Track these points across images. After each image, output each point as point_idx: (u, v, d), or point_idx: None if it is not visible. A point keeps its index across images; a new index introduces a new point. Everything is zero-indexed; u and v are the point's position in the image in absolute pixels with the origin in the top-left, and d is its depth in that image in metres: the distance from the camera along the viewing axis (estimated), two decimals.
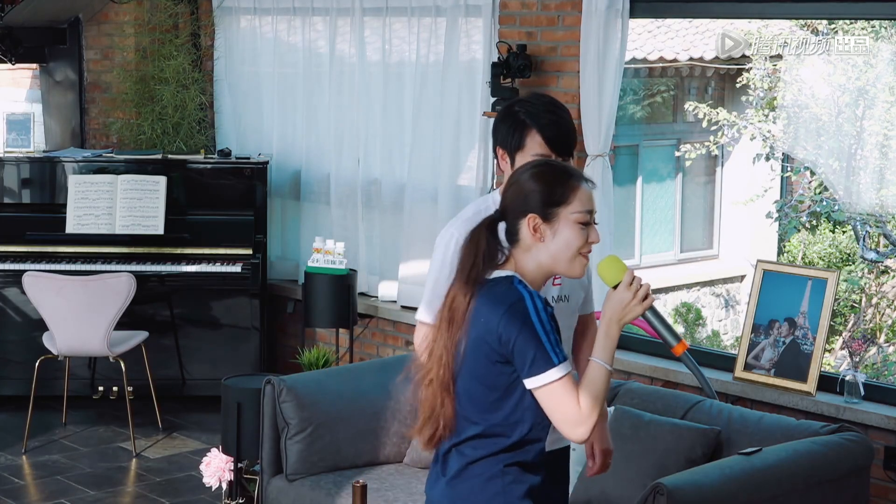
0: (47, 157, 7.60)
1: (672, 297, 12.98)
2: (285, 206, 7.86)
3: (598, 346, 2.98)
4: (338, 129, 7.45)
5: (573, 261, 3.04)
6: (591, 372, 2.96)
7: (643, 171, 13.11)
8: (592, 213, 3.08)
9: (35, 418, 6.79)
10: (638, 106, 12.92)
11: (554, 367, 2.91)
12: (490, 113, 6.20)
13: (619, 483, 4.51)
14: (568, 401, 2.91)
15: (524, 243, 3.04)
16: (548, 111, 3.63)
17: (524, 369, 2.93)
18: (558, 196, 3.03)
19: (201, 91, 8.07)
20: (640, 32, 11.79)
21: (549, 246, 3.03)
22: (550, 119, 3.61)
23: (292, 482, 5.05)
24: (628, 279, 2.99)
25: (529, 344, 2.92)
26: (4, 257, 7.18)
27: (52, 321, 6.60)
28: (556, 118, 3.62)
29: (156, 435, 6.97)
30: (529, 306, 2.94)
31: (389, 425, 5.20)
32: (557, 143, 3.59)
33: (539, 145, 3.57)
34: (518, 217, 3.04)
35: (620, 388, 5.00)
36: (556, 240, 3.03)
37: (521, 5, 6.27)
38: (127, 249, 7.22)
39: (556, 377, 2.91)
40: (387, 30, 7.13)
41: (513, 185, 3.10)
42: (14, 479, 6.35)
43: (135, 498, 6.17)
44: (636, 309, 2.99)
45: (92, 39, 8.70)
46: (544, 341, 2.91)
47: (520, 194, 3.05)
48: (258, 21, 7.91)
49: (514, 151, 3.60)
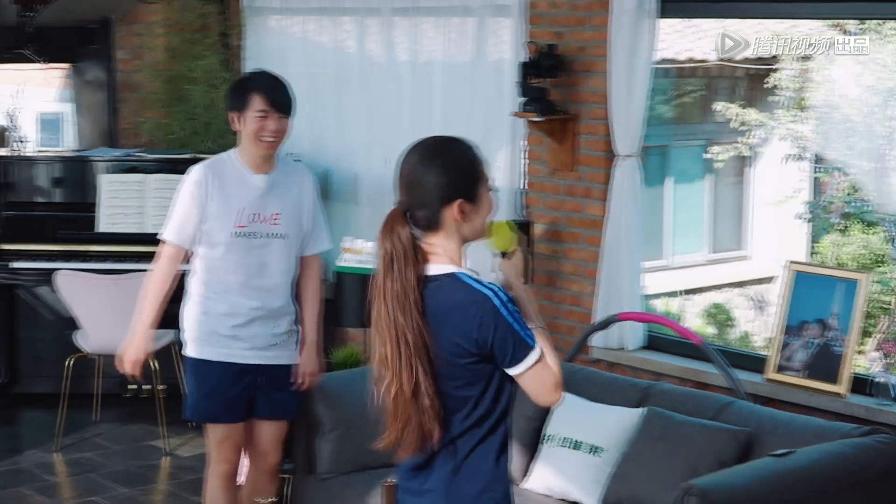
0: (78, 157, 7.64)
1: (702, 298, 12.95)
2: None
3: (530, 311, 3.09)
4: (367, 129, 7.46)
5: (486, 228, 3.14)
6: (542, 338, 3.04)
7: (673, 172, 13.08)
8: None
9: (67, 416, 6.84)
10: (667, 106, 12.89)
11: (532, 351, 3.01)
12: (520, 113, 6.20)
13: (649, 484, 4.51)
14: (548, 372, 3.02)
15: (447, 228, 3.07)
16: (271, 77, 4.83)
17: (506, 361, 3.01)
18: (479, 174, 3.10)
19: None
20: (668, 32, 11.77)
21: (473, 223, 3.09)
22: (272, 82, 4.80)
23: (324, 481, 5.06)
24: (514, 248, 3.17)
25: (507, 338, 2.99)
26: (36, 256, 7.22)
27: (83, 320, 6.64)
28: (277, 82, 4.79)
29: (187, 433, 7.00)
30: (496, 303, 3.00)
31: None
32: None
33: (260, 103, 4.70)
34: (441, 205, 3.05)
35: (651, 389, 5.00)
36: (477, 216, 3.09)
37: (550, 5, 6.27)
38: (157, 248, 7.24)
39: (535, 358, 3.01)
40: (415, 30, 7.14)
41: (424, 175, 3.04)
42: (47, 476, 6.39)
43: (166, 496, 6.20)
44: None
45: (122, 39, 8.75)
46: (518, 330, 3.00)
47: (438, 184, 3.03)
48: (287, 21, 7.93)
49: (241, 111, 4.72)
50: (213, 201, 4.77)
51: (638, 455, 4.63)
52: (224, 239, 4.78)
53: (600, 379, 5.19)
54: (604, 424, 4.81)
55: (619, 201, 5.90)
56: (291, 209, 4.89)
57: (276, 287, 4.88)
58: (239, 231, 4.79)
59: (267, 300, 4.85)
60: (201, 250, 4.84)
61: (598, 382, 5.12)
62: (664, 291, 12.39)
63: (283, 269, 4.90)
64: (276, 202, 4.85)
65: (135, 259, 7.19)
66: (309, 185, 5.00)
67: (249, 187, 4.81)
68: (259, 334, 4.84)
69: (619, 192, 5.90)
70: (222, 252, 4.79)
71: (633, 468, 4.62)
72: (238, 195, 4.80)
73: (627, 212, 5.89)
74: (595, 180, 6.07)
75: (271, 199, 4.84)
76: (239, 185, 4.81)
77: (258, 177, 4.83)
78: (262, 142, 4.75)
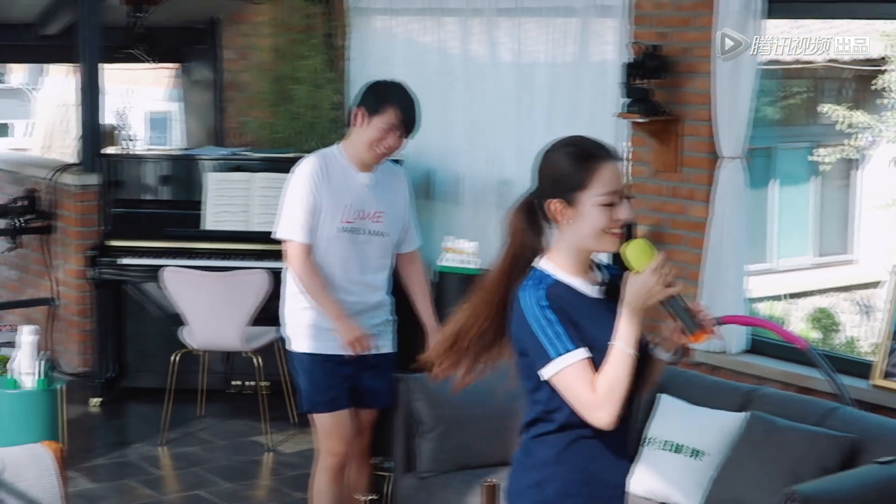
0: (186, 155, 7.75)
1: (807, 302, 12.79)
2: (417, 206, 7.86)
3: (619, 330, 2.98)
4: (470, 130, 7.48)
5: (601, 239, 3.06)
6: (610, 356, 2.97)
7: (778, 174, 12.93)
8: (618, 192, 3.06)
9: (173, 411, 6.94)
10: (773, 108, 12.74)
11: (552, 361, 2.97)
12: (623, 114, 6.17)
13: (751, 489, 4.47)
14: (578, 387, 2.97)
15: (560, 227, 3.09)
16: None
17: (535, 363, 3.02)
18: (577, 181, 3.05)
19: (335, 91, 8.16)
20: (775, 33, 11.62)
21: (574, 227, 3.06)
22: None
23: (423, 480, 5.09)
24: (657, 264, 2.96)
25: (529, 341, 3.01)
26: (144, 253, 7.34)
27: (189, 316, 6.74)
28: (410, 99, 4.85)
29: (289, 430, 7.07)
30: (524, 306, 3.02)
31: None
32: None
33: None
34: (543, 199, 3.10)
35: (754, 394, 4.95)
36: (579, 222, 3.05)
37: (654, 5, 6.23)
38: (262, 246, 7.32)
39: (558, 368, 2.97)
40: (519, 30, 7.13)
41: (543, 165, 3.14)
42: (153, 469, 6.50)
43: (269, 491, 6.27)
44: (660, 294, 2.96)
45: (229, 40, 8.87)
46: (541, 338, 2.98)
47: (545, 177, 3.11)
48: (391, 21, 7.97)
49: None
50: (323, 195, 4.83)
51: (740, 460, 4.59)
52: (329, 234, 4.85)
53: (702, 382, 5.15)
54: (705, 428, 4.78)
55: (723, 203, 5.85)
56: (392, 209, 4.98)
57: (375, 282, 4.98)
58: (344, 227, 4.86)
59: (366, 295, 4.94)
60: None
61: (700, 386, 5.08)
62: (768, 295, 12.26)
63: (381, 266, 5.02)
64: (379, 201, 4.93)
65: (240, 257, 7.28)
66: (406, 187, 5.14)
67: (355, 184, 4.89)
68: (361, 326, 4.92)
69: (724, 195, 5.84)
70: (325, 247, 4.85)
71: (734, 473, 4.58)
72: (344, 191, 4.87)
73: (731, 214, 5.83)
74: (699, 182, 6.03)
75: (374, 197, 4.92)
76: (345, 180, 4.88)
77: (363, 174, 4.90)
78: (374, 151, 4.84)
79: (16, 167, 8.64)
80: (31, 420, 5.87)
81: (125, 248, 7.38)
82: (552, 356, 2.98)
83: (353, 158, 4.90)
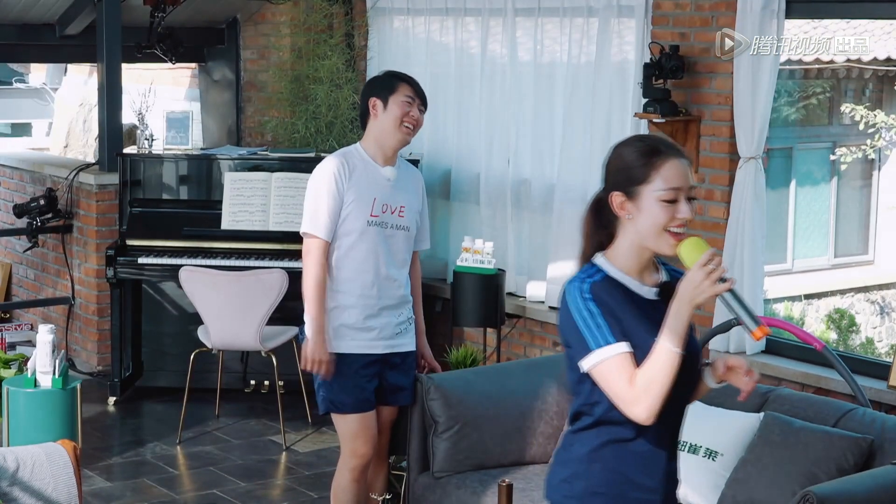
0: (204, 155, 7.76)
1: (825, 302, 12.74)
2: (435, 205, 7.91)
3: (665, 326, 2.95)
4: (488, 129, 7.48)
5: (659, 237, 3.03)
6: (653, 352, 2.96)
7: (797, 175, 12.89)
8: (681, 189, 3.02)
9: (189, 410, 6.95)
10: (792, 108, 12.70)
11: (591, 352, 2.98)
12: (642, 114, 6.16)
13: (767, 490, 4.45)
14: (616, 380, 2.97)
15: (621, 222, 3.08)
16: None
17: (577, 355, 3.02)
18: (639, 175, 3.03)
19: (354, 91, 8.16)
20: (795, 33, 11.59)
21: (636, 223, 3.05)
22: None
23: (438, 479, 5.09)
24: (704, 259, 2.92)
25: (572, 332, 3.02)
26: (162, 252, 7.35)
27: (206, 315, 6.75)
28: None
29: (305, 429, 7.08)
30: (568, 298, 3.04)
31: (536, 425, 5.20)
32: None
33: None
34: (608, 192, 3.09)
35: (771, 394, 4.93)
36: (641, 217, 3.04)
37: (674, 6, 6.22)
38: (280, 246, 7.34)
39: (598, 360, 2.98)
40: (538, 30, 7.13)
41: (611, 158, 3.13)
42: (169, 468, 6.51)
43: (284, 491, 6.28)
44: (708, 290, 2.90)
45: (249, 39, 8.89)
46: (582, 328, 3.00)
47: (612, 170, 3.10)
48: (411, 21, 7.98)
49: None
50: (349, 191, 4.86)
51: (756, 460, 4.58)
52: (358, 227, 4.87)
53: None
54: (722, 429, 4.76)
55: (741, 203, 5.83)
56: (412, 205, 5.02)
57: (399, 277, 4.99)
58: (372, 220, 4.90)
59: (392, 290, 4.96)
60: (332, 243, 4.91)
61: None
62: (786, 295, 12.22)
63: (404, 261, 5.05)
64: (402, 196, 4.98)
65: (257, 256, 7.29)
66: (422, 185, 5.18)
67: (380, 178, 4.92)
68: (387, 324, 4.95)
69: (742, 195, 5.83)
70: (354, 241, 4.87)
71: (751, 473, 4.56)
72: (370, 185, 4.90)
73: (750, 214, 5.82)
74: (717, 182, 6.02)
75: (397, 192, 4.96)
76: (369, 175, 4.91)
77: (387, 168, 4.94)
78: (404, 127, 4.89)
79: (35, 166, 8.67)
80: (47, 419, 5.88)
81: (143, 247, 7.40)
82: (592, 347, 2.98)
83: (376, 153, 4.93)
